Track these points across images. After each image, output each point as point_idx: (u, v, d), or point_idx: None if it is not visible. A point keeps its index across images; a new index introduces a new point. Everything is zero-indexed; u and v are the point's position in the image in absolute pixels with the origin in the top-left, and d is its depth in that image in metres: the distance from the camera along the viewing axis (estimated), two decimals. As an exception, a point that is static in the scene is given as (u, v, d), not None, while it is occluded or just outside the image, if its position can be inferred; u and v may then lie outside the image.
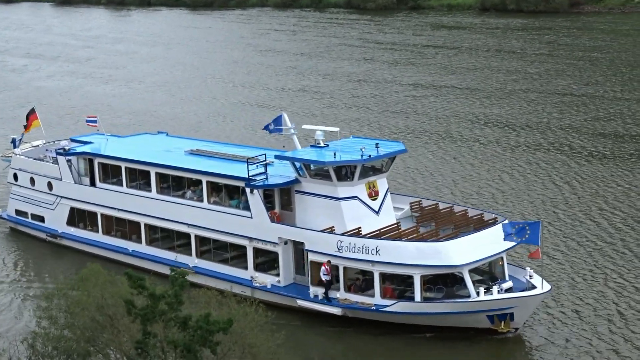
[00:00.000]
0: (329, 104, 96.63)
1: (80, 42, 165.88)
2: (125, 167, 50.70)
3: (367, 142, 45.40)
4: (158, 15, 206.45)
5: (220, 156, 50.23)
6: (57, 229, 53.94)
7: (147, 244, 49.62)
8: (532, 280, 39.55)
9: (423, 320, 39.70)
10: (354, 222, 42.41)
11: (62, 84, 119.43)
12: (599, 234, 52.46)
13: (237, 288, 44.11)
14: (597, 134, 77.82)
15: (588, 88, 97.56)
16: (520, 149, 73.12)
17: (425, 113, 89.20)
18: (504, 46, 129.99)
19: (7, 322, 41.44)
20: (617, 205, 58.65)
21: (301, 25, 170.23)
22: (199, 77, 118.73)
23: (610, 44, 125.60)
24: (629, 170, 65.62)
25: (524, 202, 59.39)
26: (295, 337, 39.67)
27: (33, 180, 55.38)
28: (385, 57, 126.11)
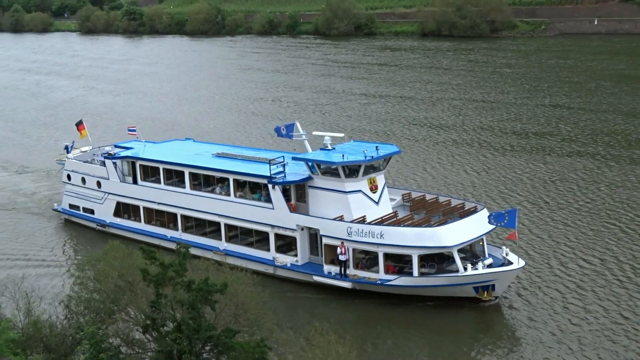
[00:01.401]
0: (297, 110, 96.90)
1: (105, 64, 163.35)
2: (163, 168, 49.90)
3: (366, 145, 44.82)
4: (164, 41, 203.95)
5: (242, 158, 49.14)
6: (105, 220, 53.45)
7: (183, 231, 48.69)
8: (508, 257, 39.37)
9: (420, 291, 39.48)
10: (358, 211, 41.89)
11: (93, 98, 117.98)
12: (560, 215, 51.69)
13: (261, 267, 43.93)
14: (506, 132, 78.54)
15: (499, 96, 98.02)
16: (448, 144, 73.63)
17: (372, 117, 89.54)
18: (435, 63, 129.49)
19: (50, 289, 41.18)
20: (552, 192, 57.71)
21: (277, 48, 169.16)
22: (198, 90, 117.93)
23: (518, 62, 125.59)
24: (537, 160, 65.81)
25: (472, 189, 58.61)
26: (312, 307, 40.31)
27: (84, 180, 54.59)
28: (342, 73, 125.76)
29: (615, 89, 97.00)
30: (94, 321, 31.31)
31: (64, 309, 32.85)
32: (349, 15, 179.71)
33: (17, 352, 31.74)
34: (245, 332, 28.68)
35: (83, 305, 31.78)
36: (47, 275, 45.83)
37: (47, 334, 32.46)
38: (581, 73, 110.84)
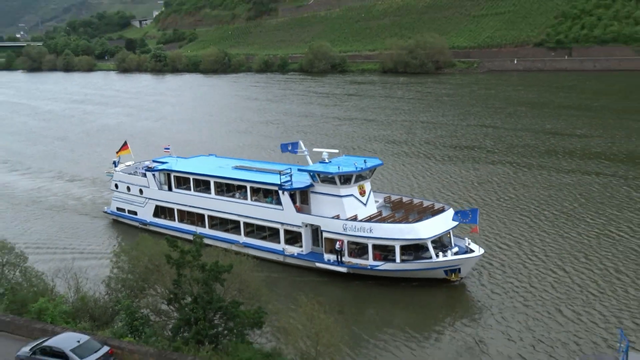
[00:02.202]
0: (285, 130, 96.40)
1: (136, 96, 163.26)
2: (193, 178, 49.38)
3: (356, 158, 44.31)
4: (183, 77, 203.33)
5: (256, 169, 48.77)
6: (146, 219, 52.88)
7: (209, 228, 48.08)
8: (470, 246, 39.36)
9: (401, 274, 39.13)
10: (351, 211, 41.71)
11: (128, 122, 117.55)
12: (509, 213, 51.29)
13: (273, 255, 44.13)
14: (445, 145, 78.63)
15: (439, 118, 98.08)
16: (401, 155, 73.35)
17: (343, 135, 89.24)
18: (391, 94, 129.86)
19: (95, 272, 40.66)
20: (507, 193, 57.62)
21: (270, 82, 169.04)
22: (211, 116, 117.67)
23: (455, 92, 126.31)
24: (468, 167, 65.62)
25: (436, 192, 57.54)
26: (314, 288, 39.39)
27: (129, 188, 54.07)
28: (320, 101, 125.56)
29: (528, 112, 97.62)
30: (128, 296, 31.30)
31: (105, 287, 33.09)
32: (326, 57, 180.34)
33: (69, 321, 31.55)
34: (247, 303, 28.71)
35: (120, 284, 32.03)
36: (94, 262, 45.42)
37: (92, 306, 32.41)
38: (502, 100, 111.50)
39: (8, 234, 48.80)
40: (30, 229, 55.68)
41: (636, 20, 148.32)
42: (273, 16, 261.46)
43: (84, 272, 36.93)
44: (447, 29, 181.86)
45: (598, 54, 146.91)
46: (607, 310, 34.72)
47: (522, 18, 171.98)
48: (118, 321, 31.28)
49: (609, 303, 35.47)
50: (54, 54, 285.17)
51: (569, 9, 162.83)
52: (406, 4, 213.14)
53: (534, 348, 31.47)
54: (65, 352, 27.27)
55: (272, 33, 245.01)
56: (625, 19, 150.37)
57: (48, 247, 50.15)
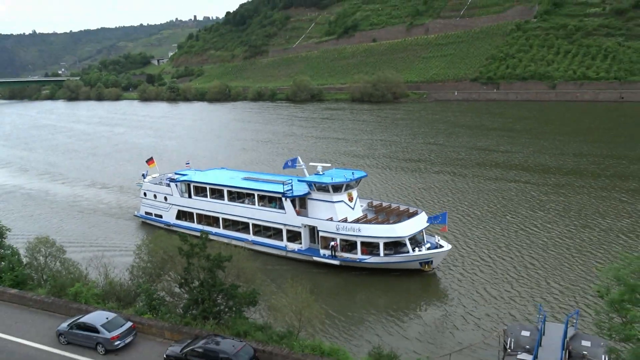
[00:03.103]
0: (273, 147, 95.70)
1: (155, 119, 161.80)
2: (209, 187, 48.28)
3: (345, 171, 43.60)
4: (193, 105, 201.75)
5: (262, 180, 47.89)
6: (170, 222, 51.52)
7: (223, 229, 47.02)
8: (440, 243, 39.06)
9: (384, 266, 38.51)
10: (341, 214, 41.10)
11: (149, 141, 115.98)
12: (474, 216, 50.62)
13: (276, 251, 43.36)
14: (399, 159, 78.65)
15: (394, 137, 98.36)
16: (364, 167, 72.21)
17: (319, 150, 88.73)
18: (357, 118, 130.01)
19: (121, 262, 40.26)
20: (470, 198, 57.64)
21: (261, 108, 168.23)
22: (216, 136, 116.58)
23: (408, 116, 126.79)
24: (416, 176, 65.81)
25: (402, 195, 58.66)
26: (312, 277, 38.57)
27: (155, 196, 52.85)
28: (300, 124, 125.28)
29: (464, 133, 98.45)
30: (147, 281, 30.92)
31: (128, 274, 32.80)
32: (307, 89, 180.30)
33: (99, 301, 31.09)
34: (243, 285, 28.50)
35: (141, 271, 31.66)
36: (121, 254, 44.66)
37: (118, 290, 31.99)
38: (444, 123, 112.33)
39: (50, 232, 48.07)
40: (67, 228, 54.67)
41: (547, 62, 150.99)
42: (264, 56, 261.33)
43: (112, 262, 36.47)
44: (402, 67, 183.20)
45: (519, 88, 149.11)
46: (526, 289, 35.12)
47: (461, 59, 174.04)
48: (139, 301, 30.93)
49: (528, 284, 35.90)
50: (88, 86, 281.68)
51: (497, 52, 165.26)
52: (370, 47, 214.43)
53: (480, 320, 31.72)
54: (96, 326, 27.00)
55: (263, 69, 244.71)
56: (540, 61, 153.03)
57: (83, 243, 49.22)
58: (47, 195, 69.49)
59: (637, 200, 52.73)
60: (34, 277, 34.80)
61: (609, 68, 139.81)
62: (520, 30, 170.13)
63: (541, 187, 59.65)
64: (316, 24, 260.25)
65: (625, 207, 50.68)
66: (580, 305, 31.90)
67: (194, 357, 24.37)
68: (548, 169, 67.94)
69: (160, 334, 27.87)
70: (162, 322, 28.16)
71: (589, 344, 25.39)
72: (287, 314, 26.64)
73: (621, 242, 42.22)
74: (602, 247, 41.23)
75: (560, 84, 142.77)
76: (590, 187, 58.46)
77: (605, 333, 19.91)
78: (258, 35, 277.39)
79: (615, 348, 20.20)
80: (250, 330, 26.46)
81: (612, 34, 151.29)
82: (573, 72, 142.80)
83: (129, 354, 26.53)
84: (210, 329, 26.61)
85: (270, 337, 26.08)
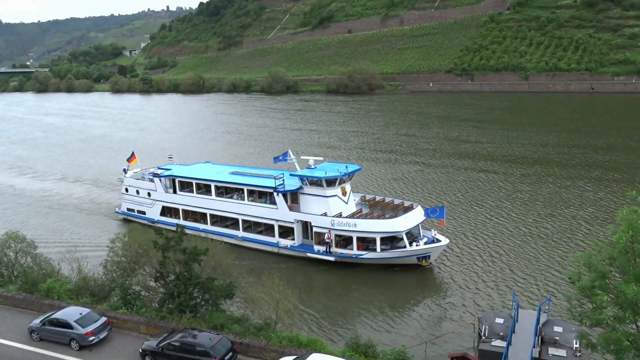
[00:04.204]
0: (247, 138, 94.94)
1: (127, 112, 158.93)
2: (195, 182, 46.68)
3: (337, 164, 42.54)
4: (166, 97, 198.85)
5: (251, 174, 46.14)
6: (154, 218, 49.47)
7: (211, 225, 45.57)
8: (436, 237, 38.28)
9: (381, 261, 37.84)
10: (335, 209, 39.90)
11: (122, 134, 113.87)
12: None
13: (268, 247, 42.04)
14: (373, 150, 78.98)
15: (368, 128, 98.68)
16: (337, 158, 72.38)
17: (291, 142, 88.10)
18: (332, 109, 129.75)
19: (94, 257, 39.26)
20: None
21: (236, 101, 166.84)
22: (190, 127, 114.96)
23: (382, 108, 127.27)
24: (387, 167, 65.81)
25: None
26: (305, 274, 38.16)
27: (138, 192, 50.85)
28: (274, 115, 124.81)
29: (438, 124, 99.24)
30: (122, 275, 30.49)
31: (102, 269, 32.02)
32: (282, 80, 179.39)
33: (72, 297, 30.64)
34: (220, 278, 28.30)
35: (115, 266, 31.02)
36: (95, 250, 43.46)
37: (92, 285, 31.58)
38: (417, 114, 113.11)
39: (19, 228, 46.87)
40: (37, 223, 53.36)
41: (520, 54, 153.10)
42: (239, 47, 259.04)
43: (85, 258, 35.90)
44: (377, 59, 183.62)
45: (493, 79, 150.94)
46: (497, 278, 35.75)
47: (436, 51, 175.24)
48: (114, 296, 30.59)
49: (499, 273, 36.52)
50: (58, 78, 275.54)
51: (471, 44, 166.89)
52: (345, 38, 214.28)
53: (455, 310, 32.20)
54: (70, 322, 26.63)
55: (238, 61, 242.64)
56: (513, 52, 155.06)
57: (55, 239, 48.12)
58: (14, 190, 67.78)
59: (599, 189, 54.18)
60: (4, 273, 34.06)
61: (579, 59, 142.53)
62: (493, 22, 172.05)
63: (508, 177, 60.72)
64: (291, 15, 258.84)
65: (589, 196, 52.07)
66: (552, 292, 32.61)
67: (171, 351, 24.24)
68: (516, 159, 69.08)
69: (135, 329, 27.63)
70: (137, 317, 27.91)
71: (561, 330, 26.02)
72: (264, 306, 26.64)
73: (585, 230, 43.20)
74: (565, 236, 42.02)
75: (533, 75, 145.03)
76: (556, 177, 59.74)
77: (576, 318, 20.39)
78: (232, 26, 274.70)
79: (586, 333, 20.72)
80: (227, 323, 26.40)
81: (583, 26, 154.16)
82: (545, 64, 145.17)
83: (103, 349, 26.25)
84: (186, 323, 26.47)
85: (248, 330, 26.07)
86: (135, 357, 25.38)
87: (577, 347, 24.32)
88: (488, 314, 28.25)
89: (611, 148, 71.96)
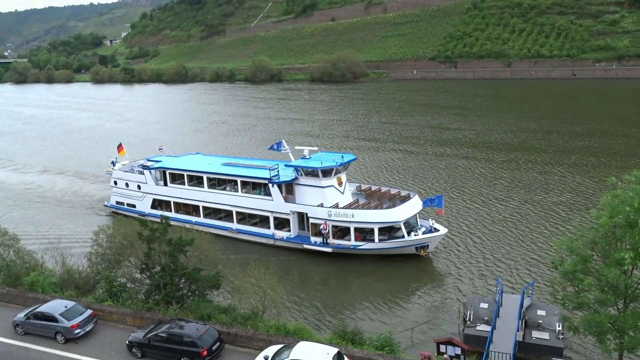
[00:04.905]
0: (231, 127, 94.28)
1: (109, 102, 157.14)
2: (186, 174, 45.64)
3: (333, 154, 41.60)
4: (149, 87, 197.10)
5: (243, 165, 45.34)
6: (145, 211, 48.04)
7: (204, 217, 44.56)
8: (434, 226, 37.62)
9: (379, 252, 37.23)
10: (332, 200, 39.19)
11: (106, 125, 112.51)
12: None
13: (263, 239, 41.23)
14: (356, 138, 79.25)
15: (351, 116, 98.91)
16: (320, 146, 72.62)
17: (274, 131, 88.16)
18: (316, 98, 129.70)
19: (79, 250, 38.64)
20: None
21: (220, 90, 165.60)
22: (173, 118, 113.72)
23: (366, 96, 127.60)
24: (371, 154, 65.99)
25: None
26: (301, 266, 37.73)
27: (128, 184, 49.68)
28: (257, 104, 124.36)
29: (420, 111, 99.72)
30: (107, 267, 30.25)
31: (87, 261, 31.68)
32: (266, 69, 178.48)
33: (57, 290, 30.36)
34: (206, 269, 28.22)
35: (100, 258, 30.73)
36: (79, 242, 42.78)
37: (77, 277, 31.32)
38: (402, 102, 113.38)
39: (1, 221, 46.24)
40: (18, 216, 52.65)
41: (503, 41, 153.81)
42: (222, 36, 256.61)
43: (69, 251, 35.45)
44: (361, 47, 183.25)
45: (476, 66, 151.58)
46: (483, 264, 36.15)
47: (419, 38, 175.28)
48: (99, 289, 30.36)
49: (481, 259, 36.88)
50: (37, 68, 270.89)
51: (454, 31, 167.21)
52: (329, 26, 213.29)
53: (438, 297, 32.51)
54: (55, 316, 26.41)
55: (221, 50, 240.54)
56: (496, 39, 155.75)
57: (37, 233, 47.55)
58: (-3, 183, 66.86)
59: (577, 174, 55.05)
60: (-14, 267, 33.57)
61: (561, 46, 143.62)
62: (476, 9, 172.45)
63: (485, 162, 61.37)
64: (274, 3, 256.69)
65: (567, 182, 52.80)
66: (535, 277, 33.07)
67: (158, 342, 24.17)
68: (496, 145, 69.72)
69: (122, 321, 27.48)
70: (123, 309, 27.75)
71: (544, 313, 26.46)
72: (252, 295, 26.64)
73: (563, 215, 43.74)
74: (546, 221, 42.50)
75: (515, 62, 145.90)
76: (535, 163, 60.39)
77: (559, 302, 20.75)
78: (214, 14, 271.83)
79: (568, 316, 21.11)
80: (214, 313, 26.36)
81: (564, 12, 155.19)
82: (527, 51, 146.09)
83: (89, 342, 26.08)
84: (173, 314, 26.40)
85: (235, 319, 26.06)
86: (122, 349, 25.28)
87: (560, 329, 24.79)
88: (473, 300, 28.61)
89: (589, 134, 72.97)
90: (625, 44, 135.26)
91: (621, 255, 18.03)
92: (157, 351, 24.23)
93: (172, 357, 23.94)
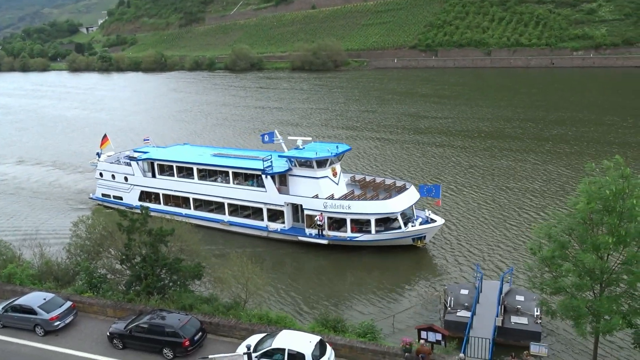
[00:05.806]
0: (209, 117, 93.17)
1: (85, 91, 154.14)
2: (175, 165, 44.41)
3: (327, 144, 40.90)
4: (127, 75, 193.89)
5: (234, 156, 44.39)
6: (132, 204, 46.31)
7: (194, 209, 43.63)
8: (431, 217, 37.30)
9: (376, 243, 36.80)
10: (327, 191, 38.50)
11: (85, 114, 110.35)
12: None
13: (257, 232, 40.48)
14: (336, 127, 78.92)
15: (331, 105, 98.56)
16: (299, 134, 72.61)
17: (255, 119, 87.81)
18: (296, 87, 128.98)
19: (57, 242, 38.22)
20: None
21: (199, 79, 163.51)
22: (151, 107, 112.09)
23: (347, 85, 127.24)
24: (351, 142, 65.46)
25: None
26: (296, 259, 37.20)
27: (114, 176, 48.19)
28: (236, 93, 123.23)
29: (398, 100, 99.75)
30: (87, 258, 29.91)
31: (66, 252, 31.33)
32: (247, 57, 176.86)
33: (35, 282, 29.96)
34: (188, 259, 28.08)
35: (79, 249, 30.33)
36: (59, 234, 41.74)
37: (56, 269, 30.96)
38: (382, 91, 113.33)
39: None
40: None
41: (483, 29, 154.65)
42: (201, 24, 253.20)
43: (48, 242, 35.02)
44: (342, 35, 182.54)
45: (457, 55, 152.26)
46: (460, 252, 36.62)
47: (400, 27, 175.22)
48: (79, 280, 30.07)
49: (459, 245, 37.31)
50: (11, 56, 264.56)
51: (435, 20, 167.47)
52: (309, 14, 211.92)
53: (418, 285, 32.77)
54: (33, 308, 26.13)
55: (200, 38, 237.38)
56: (476, 28, 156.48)
57: (13, 225, 46.77)
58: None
59: (550, 161, 55.91)
60: (-39, 260, 32.94)
61: (540, 35, 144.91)
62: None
63: (460, 150, 61.94)
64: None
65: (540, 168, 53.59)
66: (514, 263, 33.58)
67: (139, 333, 24.04)
68: (472, 133, 70.30)
69: (102, 312, 27.28)
70: (103, 300, 27.55)
71: (523, 299, 26.96)
72: (234, 285, 26.60)
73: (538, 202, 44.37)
74: (518, 209, 43.00)
75: (495, 50, 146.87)
76: (510, 150, 61.11)
77: (537, 287, 21.10)
78: (193, 1, 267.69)
79: (546, 301, 21.48)
80: (196, 304, 26.30)
81: (543, 1, 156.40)
82: (507, 39, 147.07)
83: (70, 334, 25.85)
84: (154, 304, 26.27)
85: (217, 309, 26.03)
86: (102, 340, 25.09)
87: (538, 314, 25.30)
88: (453, 286, 28.99)
89: (562, 122, 74.03)
90: (603, 32, 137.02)
91: (605, 238, 18.34)
92: (138, 342, 24.12)
93: (154, 347, 23.86)
